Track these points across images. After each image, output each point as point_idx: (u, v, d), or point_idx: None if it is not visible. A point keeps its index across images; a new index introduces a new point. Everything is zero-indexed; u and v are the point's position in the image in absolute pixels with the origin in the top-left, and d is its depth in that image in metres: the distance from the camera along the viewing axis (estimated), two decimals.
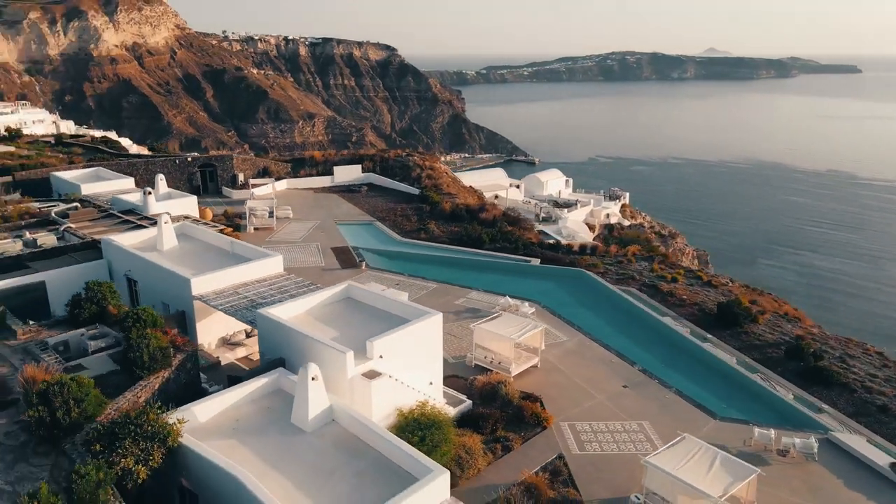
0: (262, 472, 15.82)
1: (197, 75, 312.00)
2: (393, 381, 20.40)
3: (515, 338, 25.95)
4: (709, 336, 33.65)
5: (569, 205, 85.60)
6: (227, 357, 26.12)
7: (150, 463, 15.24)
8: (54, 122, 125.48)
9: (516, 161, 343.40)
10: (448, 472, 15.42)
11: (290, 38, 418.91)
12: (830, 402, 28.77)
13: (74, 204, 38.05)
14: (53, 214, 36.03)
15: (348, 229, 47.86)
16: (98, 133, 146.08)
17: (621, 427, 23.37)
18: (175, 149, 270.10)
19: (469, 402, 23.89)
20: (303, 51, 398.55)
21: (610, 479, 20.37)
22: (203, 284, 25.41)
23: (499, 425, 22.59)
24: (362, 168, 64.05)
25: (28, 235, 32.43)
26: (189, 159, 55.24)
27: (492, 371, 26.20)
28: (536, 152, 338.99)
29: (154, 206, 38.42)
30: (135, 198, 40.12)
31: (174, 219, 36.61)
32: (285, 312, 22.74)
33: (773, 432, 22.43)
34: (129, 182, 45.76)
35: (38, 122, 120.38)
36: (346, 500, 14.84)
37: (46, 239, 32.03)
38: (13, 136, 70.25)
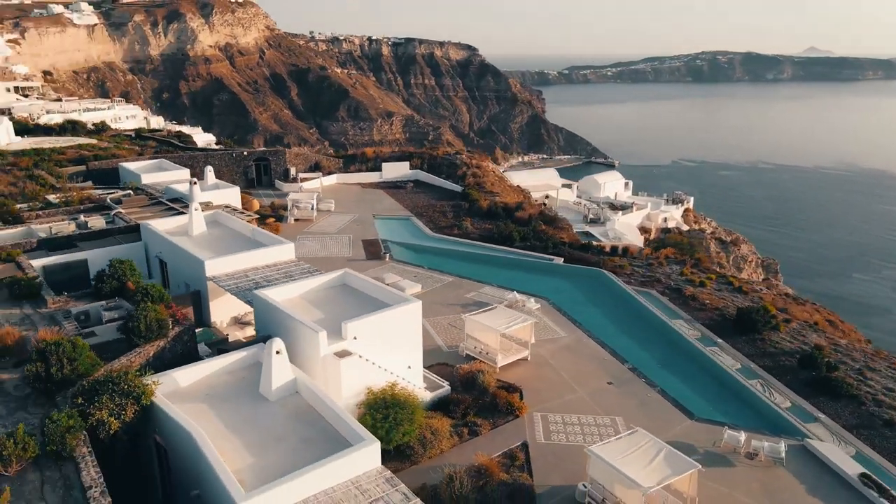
0: (220, 433, 17.64)
1: (283, 74, 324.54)
2: (363, 361, 21.87)
3: (501, 329, 26.87)
4: (719, 341, 33.31)
5: (624, 207, 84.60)
6: (237, 335, 28.32)
7: (123, 417, 17.32)
8: (145, 118, 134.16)
9: (595, 163, 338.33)
10: (378, 443, 16.69)
11: (374, 38, 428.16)
12: (834, 413, 28.09)
13: (128, 192, 41.68)
14: (108, 200, 39.67)
15: (384, 223, 49.77)
16: (185, 129, 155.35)
17: (593, 421, 23.89)
18: (259, 145, 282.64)
19: (448, 387, 25.05)
20: (385, 50, 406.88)
21: (567, 468, 21.04)
22: (216, 267, 27.72)
23: (470, 411, 23.64)
24: (410, 165, 65.94)
25: (82, 218, 36.00)
26: (245, 153, 58.72)
27: (478, 360, 27.22)
28: (617, 154, 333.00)
29: (199, 196, 41.45)
30: (185, 187, 43.40)
31: (216, 208, 39.62)
32: (279, 295, 24.64)
33: (743, 435, 22.40)
34: (185, 173, 49.30)
35: (131, 117, 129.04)
36: (284, 461, 16.39)
37: (96, 222, 35.46)
38: (99, 129, 76.45)
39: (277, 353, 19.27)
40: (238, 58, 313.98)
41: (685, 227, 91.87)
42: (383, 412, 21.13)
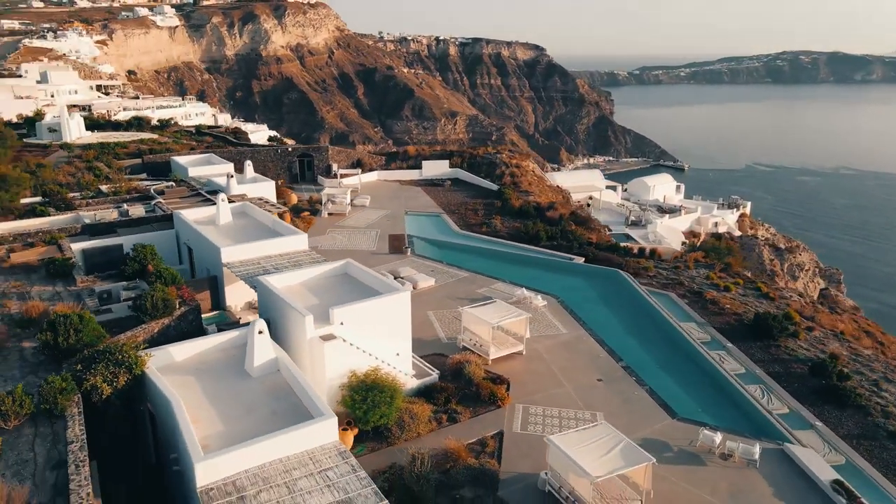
0: (200, 403, 19.25)
1: (350, 74, 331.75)
2: (347, 346, 23.13)
3: (494, 322, 27.63)
4: (728, 345, 32.96)
5: (672, 210, 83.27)
6: (249, 319, 30.10)
7: (115, 384, 19.14)
8: (213, 115, 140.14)
9: (664, 166, 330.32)
10: (335, 418, 17.86)
11: (442, 38, 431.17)
12: (836, 422, 27.55)
13: (170, 183, 44.51)
14: (152, 191, 42.55)
15: (415, 219, 51.12)
16: (251, 126, 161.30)
17: (573, 415, 24.37)
18: (325, 142, 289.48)
19: (435, 376, 26.02)
20: (452, 50, 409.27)
21: (537, 457, 21.62)
22: (231, 254, 29.60)
23: (452, 399, 24.54)
24: (450, 164, 67.08)
25: (125, 207, 38.87)
26: (289, 149, 61.28)
27: (469, 352, 28.07)
28: (687, 157, 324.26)
29: (235, 188, 43.92)
30: (224, 180, 45.94)
31: (251, 200, 41.88)
32: (281, 281, 26.23)
33: (719, 436, 22.43)
34: (228, 167, 52.04)
35: (200, 114, 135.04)
36: (251, 430, 17.77)
37: (136, 210, 38.25)
38: (163, 125, 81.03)
39: (260, 332, 20.76)
40: (308, 58, 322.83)
41: (737, 233, 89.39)
42: (363, 394, 22.34)
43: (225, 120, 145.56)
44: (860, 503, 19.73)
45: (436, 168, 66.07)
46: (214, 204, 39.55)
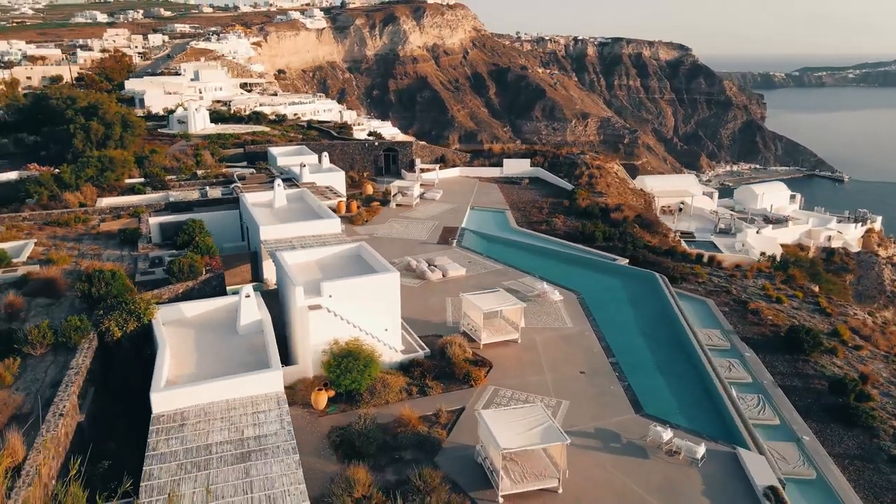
0: (188, 350, 22.81)
1: (483, 73, 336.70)
2: (332, 316, 25.88)
3: (485, 309, 29.20)
4: (747, 354, 32.23)
5: (778, 221, 78.70)
6: None
7: (125, 329, 23.17)
8: (339, 112, 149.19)
9: (819, 177, 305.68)
10: (280, 371, 20.64)
11: (580, 38, 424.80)
12: (835, 440, 26.54)
13: (252, 170, 49.73)
14: (235, 176, 47.89)
15: (478, 214, 53.13)
16: (376, 122, 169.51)
17: (540, 401, 25.40)
18: (454, 141, 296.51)
19: (422, 353, 28.11)
20: (590, 50, 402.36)
21: None
22: (268, 232, 33.36)
23: (428, 374, 26.52)
24: (532, 162, 68.16)
25: (207, 189, 44.31)
26: (376, 144, 65.35)
27: (468, 336, 29.81)
28: (849, 168, 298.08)
29: (307, 177, 48.33)
30: (306, 169, 50.56)
31: (319, 188, 46.07)
32: (294, 258, 29.52)
33: (669, 433, 22.70)
34: (313, 158, 56.85)
35: (327, 111, 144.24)
36: (216, 374, 20.94)
37: (215, 192, 43.52)
38: (280, 120, 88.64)
39: (247, 296, 24.05)
40: (443, 57, 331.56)
41: (855, 249, 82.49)
42: (338, 360, 24.99)
43: (351, 117, 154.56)
44: None
45: (517, 166, 67.44)
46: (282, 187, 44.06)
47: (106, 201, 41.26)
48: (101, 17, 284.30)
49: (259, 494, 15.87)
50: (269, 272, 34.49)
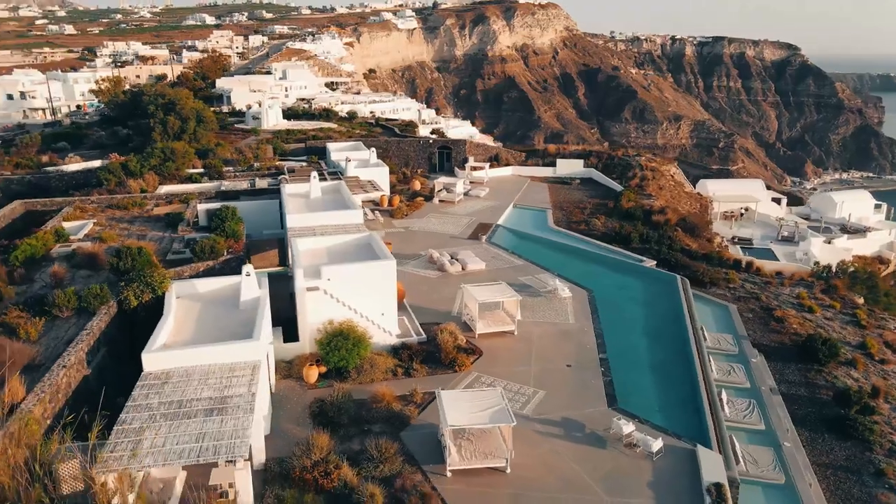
0: (191, 319, 25.41)
1: (573, 74, 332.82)
2: (328, 298, 27.90)
3: (480, 300, 30.37)
4: (754, 360, 31.77)
5: (857, 231, 74.67)
6: None
7: (140, 298, 26.08)
8: (418, 111, 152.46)
9: None
10: (257, 342, 22.70)
11: (678, 37, 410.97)
12: (825, 449, 26.10)
13: (303, 163, 52.81)
14: (286, 169, 51.12)
15: (518, 212, 54.04)
16: (455, 121, 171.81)
17: (518, 389, 26.46)
18: (539, 141, 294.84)
19: (416, 338, 29.65)
20: (689, 50, 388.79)
21: None
22: (295, 220, 35.89)
23: (416, 358, 28.03)
24: (586, 163, 68.06)
25: (256, 180, 47.67)
26: (430, 141, 67.33)
27: (447, 323, 30.98)
28: None
29: (351, 171, 50.96)
30: (352, 164, 53.24)
31: (359, 182, 48.55)
32: (308, 244, 31.84)
33: (630, 426, 23.15)
34: (366, 153, 59.46)
35: (406, 109, 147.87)
36: (206, 340, 23.36)
37: (262, 183, 46.77)
38: (350, 117, 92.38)
39: (247, 275, 26.43)
40: (532, 57, 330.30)
41: None
42: (329, 339, 26.99)
43: (428, 115, 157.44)
44: None
45: (570, 166, 67.55)
46: (324, 181, 46.81)
47: (165, 188, 45.36)
48: (210, 20, 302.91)
49: (208, 444, 17.98)
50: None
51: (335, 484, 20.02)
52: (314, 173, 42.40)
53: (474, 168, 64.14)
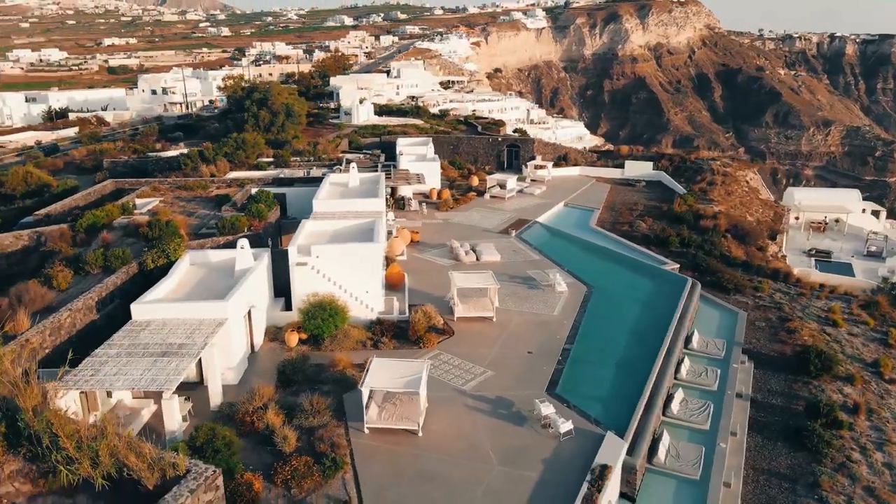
0: (194, 283, 29.74)
1: (710, 74, 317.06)
2: (315, 273, 31.27)
3: (459, 285, 32.43)
4: (736, 365, 31.42)
5: None
6: None
7: (156, 262, 30.82)
8: (527, 110, 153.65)
9: None
10: (225, 304, 26.39)
11: (838, 35, 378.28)
12: (770, 456, 25.95)
13: (360, 156, 56.89)
14: (345, 160, 55.42)
15: (566, 211, 55.03)
16: (568, 122, 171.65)
17: (470, 367, 28.33)
18: (667, 145, 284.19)
19: (395, 316, 32.28)
20: (849, 49, 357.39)
21: None
22: (320, 206, 39.69)
23: (387, 333, 30.70)
24: (656, 166, 66.98)
25: (313, 169, 52.29)
26: (499, 139, 69.25)
27: (427, 305, 33.11)
28: None
29: (402, 164, 54.36)
30: (405, 159, 56.68)
31: (407, 174, 51.88)
32: (316, 226, 35.45)
33: (551, 409, 24.41)
34: (423, 149, 62.52)
35: (514, 108, 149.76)
36: (194, 298, 27.47)
37: (316, 172, 51.30)
38: (442, 115, 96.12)
39: (241, 248, 30.40)
40: (665, 57, 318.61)
41: None
42: (309, 309, 30.35)
43: (537, 115, 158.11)
44: (599, 485, 20.57)
45: (638, 168, 66.80)
46: (372, 171, 50.57)
47: (232, 174, 51.12)
48: (348, 21, 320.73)
49: (147, 377, 21.84)
50: None
51: (261, 426, 23.25)
52: (353, 164, 46.16)
53: (537, 167, 65.29)
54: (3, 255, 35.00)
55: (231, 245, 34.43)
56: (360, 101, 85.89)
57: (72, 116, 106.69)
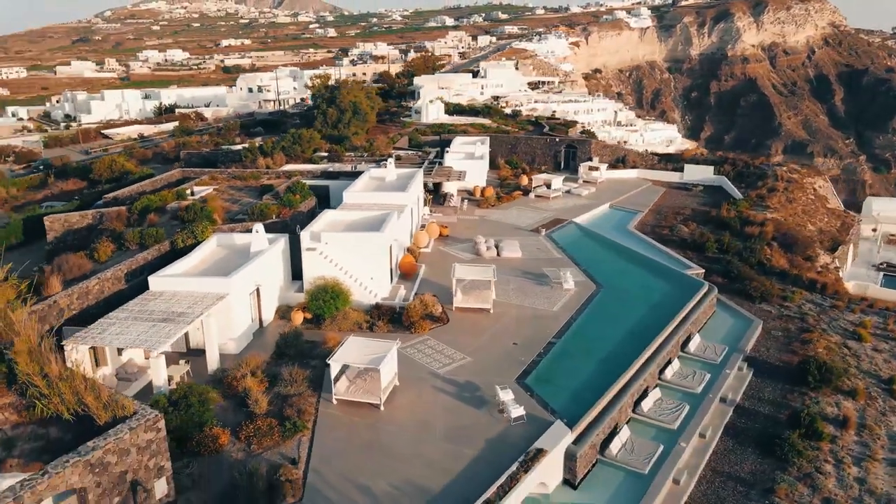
0: (210, 261, 33.02)
1: (830, 76, 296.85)
2: (322, 258, 33.75)
3: (457, 277, 33.86)
4: (727, 371, 30.95)
5: None
6: None
7: (185, 242, 34.34)
8: (614, 112, 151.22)
9: None
10: (227, 280, 29.27)
11: None
12: (735, 459, 25.94)
13: (408, 153, 59.17)
14: (393, 155, 57.94)
15: (609, 212, 54.90)
16: (659, 124, 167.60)
17: (451, 353, 29.75)
18: (777, 151, 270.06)
19: (397, 302, 34.18)
20: None
21: None
22: (349, 197, 42.32)
23: (383, 317, 32.65)
24: (718, 171, 65.00)
25: (361, 164, 55.19)
26: (557, 140, 69.49)
27: (429, 294, 34.66)
28: None
29: (447, 161, 56.22)
30: (451, 156, 58.49)
31: (450, 171, 53.82)
32: (335, 215, 38.04)
33: (507, 396, 25.47)
34: (472, 147, 63.76)
35: (601, 110, 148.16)
36: (208, 274, 30.63)
37: (363, 167, 54.11)
38: (514, 114, 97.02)
39: (256, 231, 33.35)
40: (780, 58, 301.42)
41: None
42: (312, 291, 32.88)
43: (625, 117, 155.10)
44: (528, 466, 21.53)
45: (698, 173, 65.02)
46: (418, 167, 52.79)
47: (287, 167, 54.88)
48: (450, 22, 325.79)
49: (143, 337, 24.97)
50: None
51: (240, 390, 25.88)
52: (390, 160, 48.49)
53: (591, 168, 65.09)
54: (72, 231, 40.01)
55: (266, 230, 37.63)
56: (430, 101, 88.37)
57: (178, 112, 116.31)
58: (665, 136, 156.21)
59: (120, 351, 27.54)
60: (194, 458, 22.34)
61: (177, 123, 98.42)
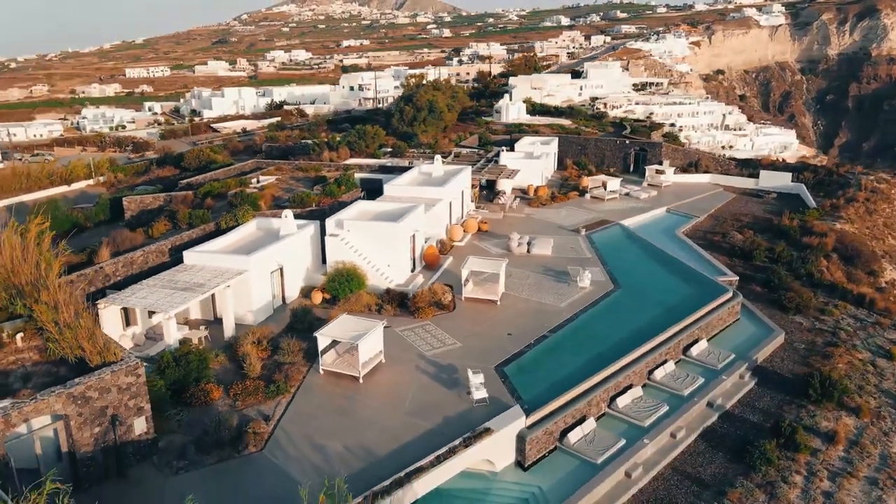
0: (244, 241, 36.58)
1: None
2: (343, 244, 36.40)
3: (467, 269, 35.32)
4: (724, 376, 30.46)
5: None
6: None
7: (228, 223, 38.16)
8: (723, 115, 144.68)
9: None
10: (247, 258, 32.49)
11: None
12: (706, 462, 25.76)
13: (465, 150, 60.83)
14: (452, 152, 59.89)
15: (664, 216, 54.16)
16: (776, 129, 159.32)
17: (444, 338, 31.30)
18: None
19: (409, 289, 36.17)
20: None
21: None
22: (389, 189, 44.88)
23: (392, 302, 34.76)
24: (799, 178, 61.73)
25: (418, 160, 57.63)
26: (627, 142, 68.54)
27: (438, 284, 36.16)
28: None
29: (502, 160, 57.45)
30: (507, 155, 59.67)
31: (504, 169, 55.24)
32: (366, 206, 40.66)
33: (479, 379, 26.75)
34: (531, 147, 64.32)
35: (708, 112, 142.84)
36: (238, 252, 34.15)
37: (418, 162, 56.51)
38: (598, 116, 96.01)
39: (285, 216, 36.55)
40: None
41: None
42: (333, 274, 35.62)
43: (735, 121, 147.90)
44: (469, 442, 22.80)
45: (774, 179, 62.02)
46: (468, 166, 54.60)
47: (350, 160, 58.32)
48: (565, 21, 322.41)
49: (161, 301, 28.62)
50: None
51: (241, 353, 28.95)
52: (438, 156, 50.55)
53: (657, 171, 63.82)
54: (146, 211, 45.35)
55: (300, 216, 41.00)
56: (511, 101, 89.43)
57: (284, 109, 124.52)
58: (779, 140, 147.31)
59: (151, 314, 31.49)
60: (186, 408, 25.57)
61: (279, 119, 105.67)
